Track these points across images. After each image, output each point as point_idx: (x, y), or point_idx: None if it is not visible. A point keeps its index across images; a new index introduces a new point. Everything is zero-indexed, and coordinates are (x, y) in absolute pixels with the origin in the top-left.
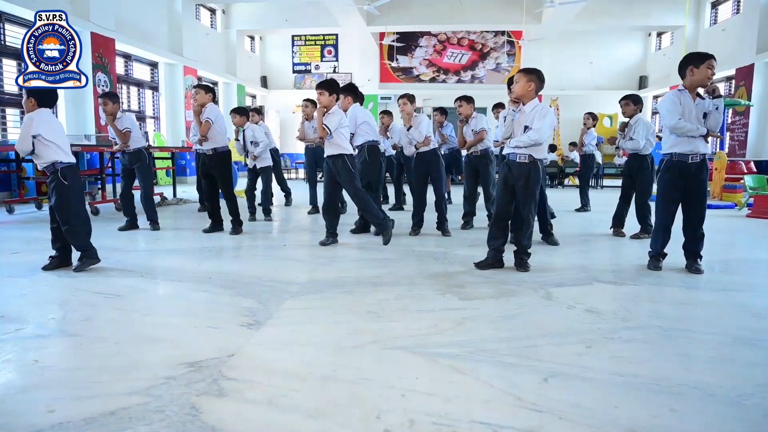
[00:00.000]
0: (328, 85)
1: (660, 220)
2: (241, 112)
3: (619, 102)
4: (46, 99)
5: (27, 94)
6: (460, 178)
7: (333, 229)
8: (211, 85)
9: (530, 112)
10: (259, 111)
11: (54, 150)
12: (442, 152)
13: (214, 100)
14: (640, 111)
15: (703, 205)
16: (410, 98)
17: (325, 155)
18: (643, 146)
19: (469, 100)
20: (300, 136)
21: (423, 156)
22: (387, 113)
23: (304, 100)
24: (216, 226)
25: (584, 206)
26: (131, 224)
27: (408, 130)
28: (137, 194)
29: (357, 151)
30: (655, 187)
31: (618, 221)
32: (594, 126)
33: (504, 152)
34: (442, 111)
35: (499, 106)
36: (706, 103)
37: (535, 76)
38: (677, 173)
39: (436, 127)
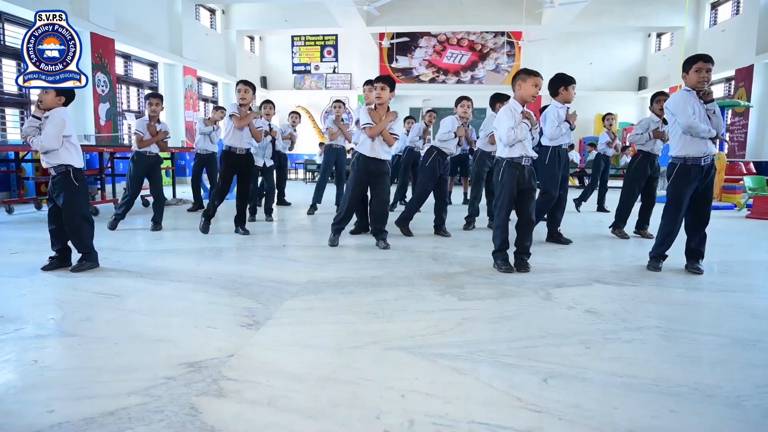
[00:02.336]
0: (392, 82)
1: (673, 224)
2: (273, 106)
3: (656, 98)
4: (70, 99)
5: (56, 91)
6: (459, 179)
7: (377, 226)
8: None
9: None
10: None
11: (72, 153)
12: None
13: None
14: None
15: (711, 205)
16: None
17: (365, 153)
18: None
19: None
20: (333, 137)
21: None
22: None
23: (336, 100)
24: (208, 221)
25: (581, 202)
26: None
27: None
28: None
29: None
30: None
31: (623, 222)
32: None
33: (521, 153)
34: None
35: (499, 100)
36: (709, 105)
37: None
38: (693, 177)
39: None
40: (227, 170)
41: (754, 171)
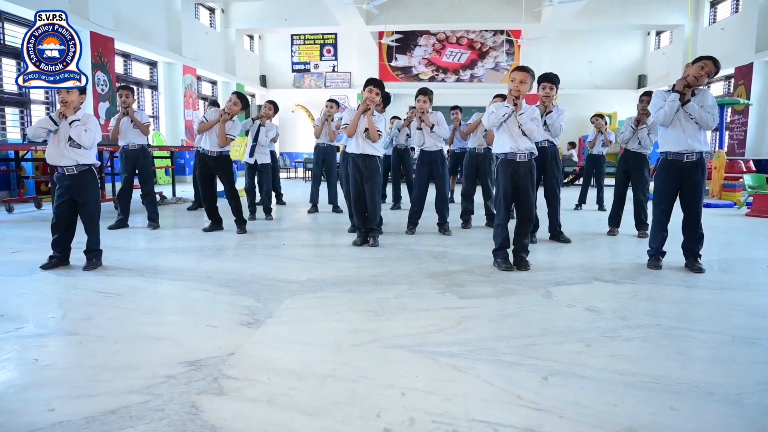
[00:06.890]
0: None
1: (657, 218)
2: (276, 108)
3: (642, 98)
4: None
5: (78, 90)
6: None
7: (368, 225)
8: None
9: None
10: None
11: (95, 152)
12: (455, 150)
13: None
14: None
15: (699, 204)
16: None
17: (352, 151)
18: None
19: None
20: (317, 134)
21: (428, 155)
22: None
23: (329, 100)
24: (215, 225)
25: (581, 203)
26: (123, 223)
27: (431, 129)
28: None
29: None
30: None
31: (615, 221)
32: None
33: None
34: (459, 109)
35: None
36: (697, 99)
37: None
38: (673, 172)
39: (456, 126)
40: (198, 171)
41: (754, 169)
